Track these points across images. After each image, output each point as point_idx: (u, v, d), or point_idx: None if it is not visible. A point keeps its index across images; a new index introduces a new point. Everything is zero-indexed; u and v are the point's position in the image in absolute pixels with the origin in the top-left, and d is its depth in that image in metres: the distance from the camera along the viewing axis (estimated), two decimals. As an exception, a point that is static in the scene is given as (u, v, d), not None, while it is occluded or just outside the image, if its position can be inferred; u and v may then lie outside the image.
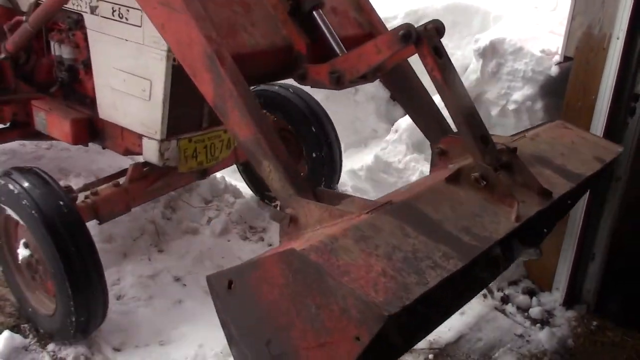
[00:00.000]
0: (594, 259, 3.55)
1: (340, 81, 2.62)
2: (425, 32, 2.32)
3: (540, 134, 2.91)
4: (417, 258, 1.85)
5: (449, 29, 4.92)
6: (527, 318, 3.50)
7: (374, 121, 5.20)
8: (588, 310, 3.57)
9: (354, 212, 2.04)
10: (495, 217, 2.16)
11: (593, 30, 3.29)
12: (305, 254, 1.70)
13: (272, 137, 2.35)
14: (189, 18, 2.44)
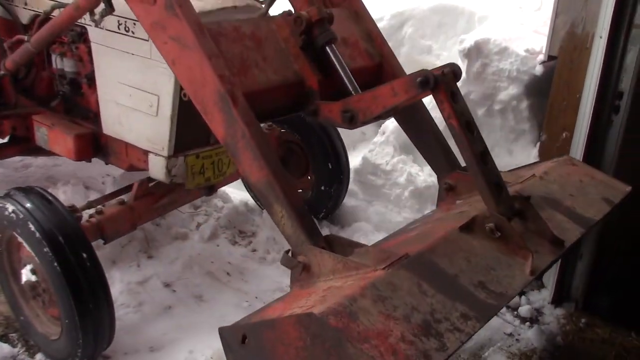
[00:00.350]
0: (582, 257, 3.57)
1: (353, 121, 2.57)
2: (442, 77, 2.29)
3: (549, 172, 2.89)
4: (435, 320, 1.84)
5: (435, 30, 5.01)
6: (516, 317, 3.52)
7: (362, 123, 5.20)
8: (576, 308, 3.58)
9: (369, 265, 2.02)
10: (510, 271, 2.16)
11: (576, 29, 3.32)
12: (325, 319, 1.68)
13: (285, 181, 2.31)
14: (202, 56, 2.39)
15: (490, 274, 2.10)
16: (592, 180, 2.97)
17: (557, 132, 3.46)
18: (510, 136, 3.75)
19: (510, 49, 3.71)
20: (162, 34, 2.49)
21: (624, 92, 3.23)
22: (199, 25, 2.43)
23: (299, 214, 2.26)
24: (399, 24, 5.05)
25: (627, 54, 3.19)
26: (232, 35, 2.61)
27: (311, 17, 2.70)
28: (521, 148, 3.73)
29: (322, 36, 2.72)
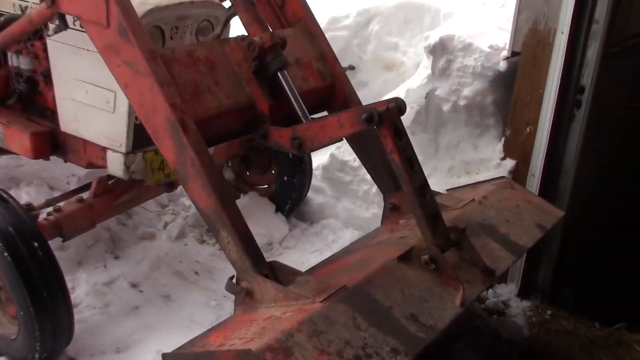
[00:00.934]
0: (546, 250, 3.62)
1: (301, 148, 2.63)
2: (386, 112, 2.34)
3: (488, 196, 3.01)
4: (366, 355, 1.94)
5: (401, 26, 5.03)
6: (484, 309, 3.56)
7: (330, 120, 5.21)
8: (542, 300, 3.64)
9: (308, 296, 2.12)
10: (441, 303, 2.26)
11: (538, 26, 3.36)
12: (262, 356, 1.77)
13: (232, 209, 2.37)
14: (154, 83, 2.42)
15: (422, 306, 2.21)
16: (528, 205, 3.08)
17: (521, 127, 3.50)
18: (476, 131, 3.79)
19: (475, 45, 3.74)
20: (115, 57, 2.52)
21: (585, 87, 3.29)
22: (152, 52, 2.46)
23: (244, 241, 2.34)
24: (366, 21, 5.06)
25: (588, 49, 3.25)
26: (186, 60, 2.63)
27: (264, 43, 2.75)
28: (486, 143, 3.76)
29: (274, 62, 2.77)
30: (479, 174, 3.74)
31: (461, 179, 3.81)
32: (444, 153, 3.92)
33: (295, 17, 3.21)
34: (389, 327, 2.06)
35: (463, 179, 3.80)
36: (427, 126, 3.92)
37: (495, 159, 3.67)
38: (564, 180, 3.47)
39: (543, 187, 3.47)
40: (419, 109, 3.90)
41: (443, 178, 3.88)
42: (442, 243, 2.38)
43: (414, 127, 3.92)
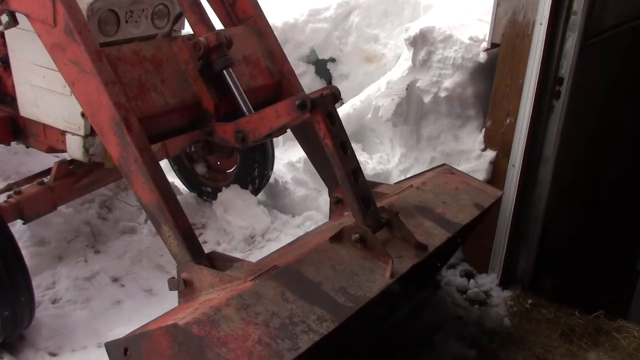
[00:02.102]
0: (527, 240, 3.65)
1: (244, 141, 2.77)
2: (320, 99, 2.46)
3: (427, 182, 3.16)
4: (292, 323, 2.04)
5: (381, 18, 5.02)
6: (465, 299, 3.58)
7: (311, 113, 5.21)
8: (523, 290, 3.67)
9: (241, 278, 2.24)
10: (371, 276, 2.36)
11: (517, 17, 3.38)
12: (188, 328, 1.88)
13: (173, 204, 2.49)
14: (99, 82, 2.50)
15: (352, 280, 2.31)
16: (467, 187, 3.20)
17: (501, 118, 3.52)
18: (457, 122, 3.80)
19: (455, 37, 3.75)
20: (61, 55, 2.60)
21: (564, 78, 3.32)
22: (98, 52, 2.55)
23: (184, 234, 2.46)
24: (346, 13, 5.06)
25: (567, 40, 3.28)
26: (132, 59, 2.71)
27: (209, 43, 2.82)
28: (467, 134, 3.78)
29: (219, 62, 2.85)
30: (460, 164, 3.75)
31: (442, 170, 3.83)
32: (425, 144, 3.94)
33: (245, 15, 3.31)
34: (318, 299, 2.16)
35: (444, 170, 3.82)
36: (408, 118, 3.93)
37: (476, 150, 3.69)
38: (543, 170, 3.49)
39: (523, 177, 3.49)
40: (400, 101, 3.91)
41: (424, 169, 3.89)
42: (373, 223, 2.51)
43: (395, 118, 3.93)
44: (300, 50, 5.07)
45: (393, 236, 2.59)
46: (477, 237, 3.76)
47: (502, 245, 3.64)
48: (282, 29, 4.92)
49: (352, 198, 2.51)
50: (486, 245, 3.71)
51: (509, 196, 3.56)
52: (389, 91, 4.00)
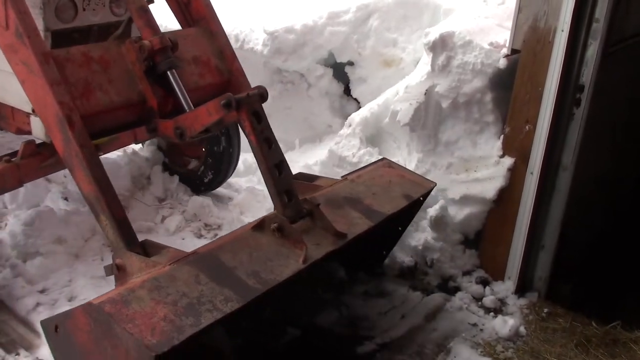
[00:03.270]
0: (544, 248, 3.62)
1: (182, 137, 3.00)
2: (246, 99, 2.68)
3: (363, 175, 3.35)
4: (200, 303, 2.22)
5: (400, 22, 5.01)
6: (480, 307, 3.56)
7: (329, 116, 5.20)
8: (539, 298, 3.64)
9: (162, 262, 2.43)
10: (285, 261, 2.54)
11: (539, 23, 3.36)
12: (101, 306, 2.10)
13: (109, 196, 2.75)
14: (44, 83, 2.75)
15: (266, 265, 2.49)
16: (401, 179, 3.39)
17: (520, 125, 3.50)
18: (475, 128, 3.78)
19: (475, 43, 3.73)
20: (14, 56, 2.85)
21: (585, 85, 3.29)
22: (45, 55, 2.80)
23: (119, 224, 2.72)
24: (365, 17, 5.04)
25: (588, 47, 3.25)
26: (80, 60, 2.96)
27: (153, 46, 3.07)
28: (485, 140, 3.75)
29: (163, 63, 3.10)
30: (478, 171, 3.73)
31: (460, 175, 3.81)
32: (442, 150, 3.91)
33: (199, 15, 3.57)
34: (229, 282, 2.34)
35: (462, 175, 3.80)
36: (426, 123, 3.91)
37: (494, 156, 3.67)
38: (562, 178, 3.46)
39: (541, 184, 3.47)
40: (418, 106, 3.89)
41: (442, 175, 3.87)
42: (293, 214, 2.71)
43: (413, 123, 3.91)
44: (319, 53, 5.06)
45: (314, 226, 2.76)
46: (493, 244, 3.74)
47: (518, 253, 3.61)
48: (301, 31, 4.92)
49: (273, 190, 2.72)
50: (502, 253, 3.69)
51: (526, 203, 3.53)
52: (407, 95, 3.98)
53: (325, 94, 5.21)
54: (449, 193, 3.82)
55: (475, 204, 3.74)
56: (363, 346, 3.17)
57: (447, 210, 3.77)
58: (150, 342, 2.00)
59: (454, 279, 3.76)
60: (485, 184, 3.68)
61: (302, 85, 5.22)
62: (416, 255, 3.87)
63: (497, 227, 3.71)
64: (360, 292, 3.66)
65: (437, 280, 3.76)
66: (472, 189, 3.73)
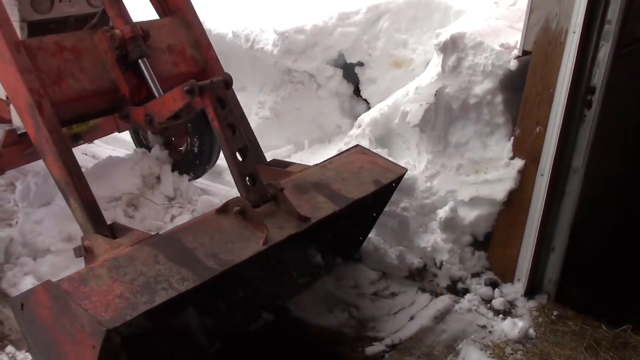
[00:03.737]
0: (554, 250, 3.61)
1: (152, 123, 3.09)
2: (209, 85, 2.76)
3: (335, 161, 3.39)
4: (156, 282, 2.27)
5: (410, 23, 5.01)
6: (489, 309, 3.55)
7: (338, 117, 5.20)
8: (549, 300, 3.62)
9: (125, 244, 2.50)
10: (246, 243, 2.58)
11: (550, 25, 3.34)
12: (60, 284, 2.18)
13: (78, 180, 2.83)
14: (15, 71, 2.86)
15: (226, 246, 2.53)
16: (373, 166, 3.41)
17: (531, 127, 3.49)
18: (485, 130, 3.76)
19: (486, 44, 3.72)
20: None
21: (596, 87, 3.27)
22: (16, 44, 2.92)
23: (88, 207, 2.79)
24: (375, 18, 5.04)
25: (600, 49, 3.23)
26: (52, 48, 3.05)
27: (124, 35, 3.17)
28: (495, 142, 3.74)
29: (134, 52, 3.20)
30: (488, 172, 3.72)
31: (470, 177, 3.80)
32: (452, 151, 3.90)
33: (175, 6, 3.65)
34: (187, 262, 2.38)
35: (472, 177, 3.79)
36: (436, 124, 3.90)
37: (504, 158, 3.65)
38: (573, 180, 3.44)
39: (552, 186, 3.45)
40: (428, 107, 3.88)
41: (451, 177, 3.86)
42: (256, 198, 2.76)
43: (423, 124, 3.90)
44: (329, 53, 5.06)
45: (278, 210, 2.80)
46: (503, 246, 3.73)
47: (528, 255, 3.60)
48: (312, 32, 4.92)
49: (236, 175, 2.77)
50: (512, 255, 3.67)
51: (536, 205, 3.52)
52: (418, 96, 3.97)
53: (334, 95, 5.21)
54: (459, 194, 3.81)
55: (485, 206, 3.73)
56: (372, 347, 3.17)
57: (456, 212, 3.76)
58: (103, 318, 2.07)
59: (463, 280, 3.74)
60: (495, 186, 3.67)
61: (311, 86, 5.22)
62: (425, 256, 3.87)
63: (506, 229, 3.69)
64: (369, 293, 3.66)
65: (446, 282, 3.75)
66: (482, 190, 3.72)
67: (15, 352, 3.02)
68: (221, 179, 4.96)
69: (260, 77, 5.42)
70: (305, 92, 5.23)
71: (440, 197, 3.87)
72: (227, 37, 5.25)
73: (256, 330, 3.25)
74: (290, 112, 5.24)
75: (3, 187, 4.56)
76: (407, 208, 3.92)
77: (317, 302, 3.52)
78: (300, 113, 5.26)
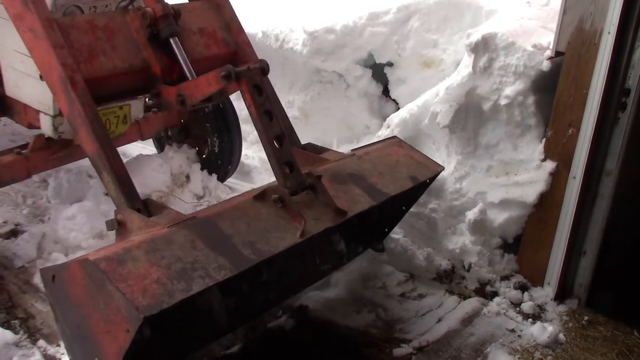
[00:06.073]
0: (585, 254, 3.56)
1: (184, 103, 3.10)
2: (246, 71, 2.75)
3: (371, 152, 3.31)
4: (193, 269, 2.24)
5: (441, 24, 4.97)
6: (518, 313, 3.51)
7: (367, 117, 5.18)
8: (579, 305, 3.57)
9: (161, 224, 2.45)
10: (283, 234, 2.54)
11: (584, 25, 3.30)
12: (97, 263, 2.12)
13: (111, 153, 2.81)
14: (48, 45, 2.88)
15: (263, 236, 2.49)
16: (409, 160, 3.34)
17: (563, 129, 3.44)
18: (516, 131, 3.72)
19: (518, 44, 3.67)
20: (21, 24, 2.99)
21: (631, 89, 3.22)
22: (49, 20, 2.93)
23: (121, 181, 2.75)
24: (405, 18, 5.01)
25: (635, 50, 3.18)
26: (84, 27, 3.08)
27: (156, 13, 3.18)
28: (527, 143, 3.70)
29: (165, 30, 3.20)
30: (518, 174, 3.68)
31: (500, 179, 3.76)
32: (482, 152, 3.87)
33: None
34: (224, 250, 2.35)
35: (502, 179, 3.75)
36: (466, 125, 3.87)
37: (535, 159, 3.61)
38: (605, 183, 3.39)
39: (584, 189, 3.40)
40: (458, 108, 3.85)
41: (481, 178, 3.83)
42: (294, 186, 2.70)
43: (453, 125, 3.88)
44: (358, 53, 5.04)
45: (316, 199, 2.75)
46: (533, 249, 3.68)
47: (559, 259, 3.55)
48: (341, 32, 4.91)
49: (274, 162, 2.74)
50: (542, 258, 3.63)
51: (568, 208, 3.47)
52: (448, 97, 3.94)
53: (363, 95, 5.19)
54: (488, 196, 3.78)
55: (515, 208, 3.69)
56: (400, 349, 3.16)
57: (486, 214, 3.73)
58: (140, 304, 2.05)
59: (492, 283, 3.71)
60: (525, 188, 3.63)
61: (340, 86, 5.21)
62: (453, 258, 3.84)
63: (537, 231, 3.65)
64: (396, 294, 3.64)
65: (474, 285, 3.72)
66: (512, 192, 3.69)
67: (46, 346, 3.06)
68: (250, 179, 4.99)
69: (289, 76, 5.43)
70: (334, 92, 5.23)
71: (470, 198, 3.84)
72: (257, 36, 5.27)
73: (284, 330, 3.26)
74: (319, 112, 5.24)
75: (36, 183, 4.64)
76: (435, 209, 3.89)
77: (345, 302, 3.51)
78: (329, 113, 5.26)
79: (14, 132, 5.28)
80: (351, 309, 3.46)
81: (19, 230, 4.01)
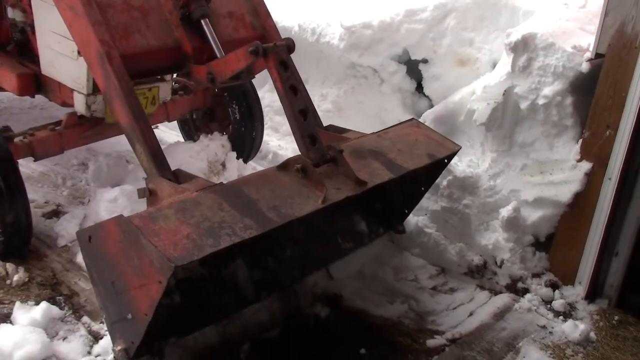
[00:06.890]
0: (617, 255, 3.58)
1: (214, 81, 3.26)
2: (273, 47, 2.88)
3: (390, 131, 3.42)
4: (220, 227, 2.35)
5: (477, 22, 5.00)
6: (549, 310, 3.55)
7: (400, 112, 5.22)
8: (609, 305, 3.61)
9: (191, 189, 2.59)
10: (305, 200, 2.66)
11: (626, 28, 3.33)
12: (131, 220, 2.27)
13: (144, 125, 2.95)
14: (87, 22, 3.04)
15: (287, 202, 2.61)
16: (427, 139, 3.43)
17: (601, 130, 3.47)
18: (553, 131, 3.76)
19: (557, 45, 3.71)
20: (61, 2, 3.15)
21: (672, 92, 3.24)
22: None
23: (153, 151, 2.89)
24: (442, 16, 5.05)
25: (677, 54, 3.20)
26: (121, 7, 3.26)
27: None
28: (563, 143, 3.73)
29: (197, 11, 3.36)
30: (553, 174, 3.72)
31: (534, 178, 3.80)
32: (517, 151, 3.91)
33: None
34: (250, 212, 2.47)
35: (536, 178, 3.79)
36: (502, 123, 3.92)
37: (570, 160, 3.65)
38: (642, 185, 3.43)
39: (619, 190, 3.44)
40: (495, 106, 3.90)
41: (515, 176, 3.88)
42: (316, 158, 2.81)
43: (490, 123, 3.92)
44: (394, 49, 5.09)
45: (337, 171, 2.84)
46: (565, 248, 3.72)
47: (591, 258, 3.59)
48: (378, 28, 4.96)
49: (298, 134, 2.85)
50: (574, 257, 3.67)
51: (602, 209, 3.51)
52: (485, 95, 3.99)
53: (397, 90, 5.24)
54: (522, 194, 3.82)
55: (549, 207, 3.73)
56: (433, 340, 3.21)
57: (519, 212, 3.77)
58: (172, 255, 2.16)
59: (523, 280, 3.75)
60: (560, 188, 3.67)
61: (375, 81, 5.26)
62: (485, 254, 3.89)
63: (570, 231, 3.69)
64: (428, 287, 3.70)
65: (505, 281, 3.76)
66: (547, 191, 3.73)
67: (90, 322, 3.16)
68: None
69: (324, 70, 5.49)
70: (368, 87, 5.28)
71: (503, 196, 3.89)
72: (293, 30, 5.33)
73: (320, 317, 3.33)
74: (352, 106, 5.29)
75: (75, 166, 4.75)
76: (469, 205, 3.95)
77: (378, 293, 3.57)
78: (363, 107, 5.31)
79: (50, 117, 5.38)
80: (384, 300, 3.52)
81: (60, 211, 4.12)
